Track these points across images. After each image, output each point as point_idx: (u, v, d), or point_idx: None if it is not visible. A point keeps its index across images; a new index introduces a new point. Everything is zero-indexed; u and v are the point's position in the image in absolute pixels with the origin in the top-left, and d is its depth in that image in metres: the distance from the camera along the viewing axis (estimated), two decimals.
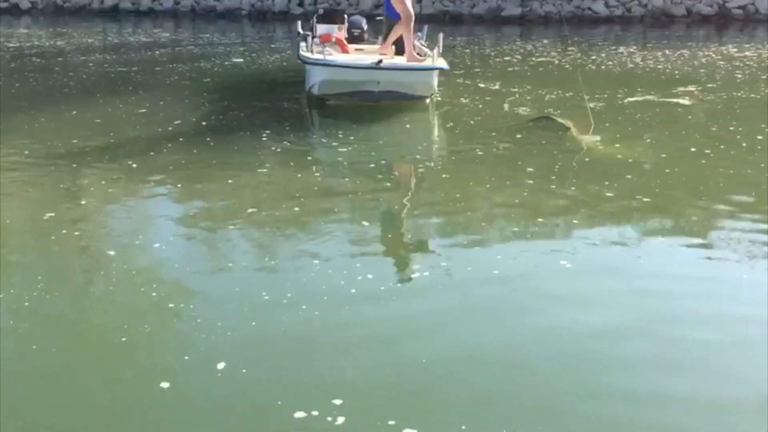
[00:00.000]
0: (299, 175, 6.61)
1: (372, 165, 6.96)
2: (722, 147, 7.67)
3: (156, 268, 4.61)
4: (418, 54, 9.60)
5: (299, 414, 3.06)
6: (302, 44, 10.97)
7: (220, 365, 3.43)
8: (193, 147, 7.51)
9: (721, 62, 14.07)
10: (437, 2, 24.47)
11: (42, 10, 26.90)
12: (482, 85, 11.37)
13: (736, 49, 16.18)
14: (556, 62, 14.24)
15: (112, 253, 4.83)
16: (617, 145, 7.63)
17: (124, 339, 3.73)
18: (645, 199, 5.98)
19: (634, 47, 16.59)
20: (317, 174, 6.67)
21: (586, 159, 7.30)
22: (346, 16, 12.22)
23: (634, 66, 13.56)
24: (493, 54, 15.80)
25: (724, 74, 12.53)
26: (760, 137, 8.02)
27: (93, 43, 17.74)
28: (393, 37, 9.58)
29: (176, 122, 8.67)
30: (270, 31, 21.15)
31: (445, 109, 9.70)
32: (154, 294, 4.21)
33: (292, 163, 6.95)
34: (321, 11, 12.59)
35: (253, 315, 3.93)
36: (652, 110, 8.79)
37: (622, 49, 16.22)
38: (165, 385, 3.29)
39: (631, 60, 14.38)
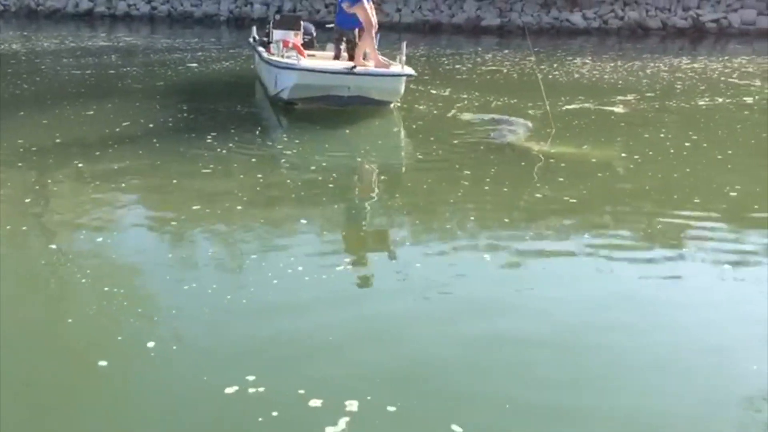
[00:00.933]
0: (242, 176, 6.94)
1: (313, 167, 7.32)
2: (650, 153, 8.18)
3: (94, 259, 4.91)
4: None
5: (229, 390, 3.38)
6: (261, 49, 11.34)
7: (150, 344, 3.76)
8: (139, 148, 7.80)
9: (665, 73, 14.74)
10: (417, 11, 24.99)
11: (15, 13, 26.85)
12: (434, 92, 11.79)
13: (688, 61, 16.91)
14: (505, 71, 14.82)
15: (54, 246, 5.12)
16: (553, 150, 8.11)
17: (70, 320, 4.06)
18: (572, 200, 6.41)
19: (590, 58, 17.23)
20: (259, 175, 6.99)
21: (522, 163, 7.73)
22: (301, 22, 12.66)
23: (580, 76, 14.17)
24: (446, 62, 16.31)
25: (665, 84, 13.19)
26: (687, 144, 8.57)
27: (49, 47, 17.87)
28: (362, 49, 9.96)
29: (124, 124, 8.95)
30: (248, 37, 21.41)
31: (402, 113, 10.12)
32: (89, 281, 4.51)
33: (235, 165, 7.29)
34: (277, 17, 12.99)
35: (178, 300, 4.29)
36: (587, 117, 9.33)
37: (578, 59, 16.84)
38: (103, 363, 3.60)
39: (579, 70, 14.99)
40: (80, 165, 7.20)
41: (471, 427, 3.16)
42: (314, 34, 12.27)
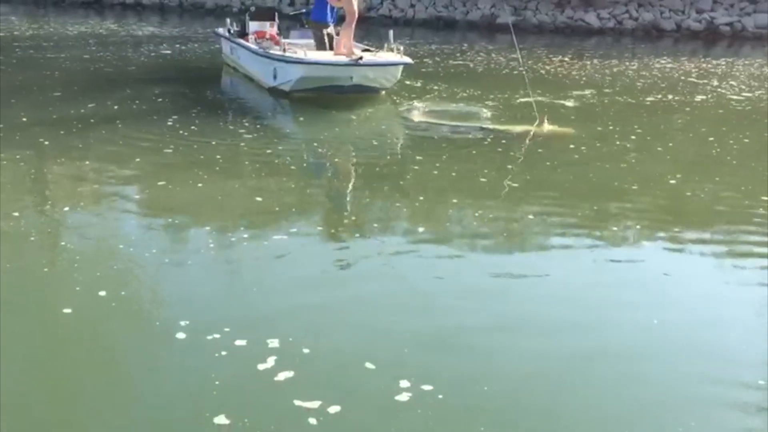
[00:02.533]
0: (202, 157, 7.45)
1: (269, 150, 7.86)
2: (598, 144, 8.76)
3: (53, 222, 5.51)
4: (366, 50, 10.75)
5: (180, 335, 3.90)
6: (242, 41, 11.93)
7: (102, 293, 4.30)
8: (102, 128, 8.32)
9: (631, 71, 15.30)
10: (431, 7, 25.26)
11: (23, 0, 26.84)
12: (408, 83, 12.16)
13: (667, 61, 17.33)
14: (471, 65, 15.42)
15: (16, 213, 5.62)
16: (504, 140, 8.66)
17: (46, 269, 4.60)
18: (513, 184, 6.98)
19: (569, 56, 17.65)
20: (218, 156, 7.50)
21: (474, 151, 8.27)
22: (276, 13, 13.35)
23: (546, 72, 14.74)
24: (427, 56, 16.83)
25: (627, 82, 13.80)
26: (633, 137, 9.17)
27: (26, 32, 18.29)
28: (345, 38, 10.56)
29: (90, 105, 9.47)
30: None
31: (376, 101, 10.71)
32: (51, 241, 5.08)
33: (195, 146, 7.82)
34: (253, 9, 13.61)
35: (128, 257, 4.86)
36: (540, 110, 9.89)
37: (558, 58, 17.17)
38: (67, 310, 4.13)
39: (545, 66, 15.54)
40: (46, 143, 7.68)
41: (382, 362, 3.69)
42: (278, 23, 12.87)
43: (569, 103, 11.04)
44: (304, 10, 15.68)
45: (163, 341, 3.86)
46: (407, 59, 10.74)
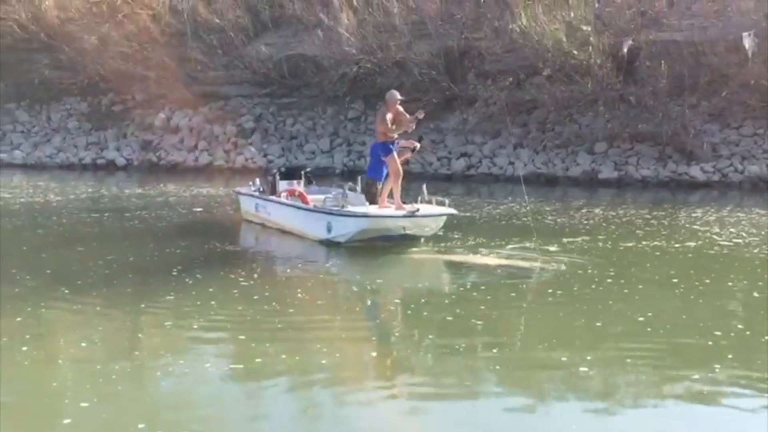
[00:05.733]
0: (198, 303, 8.67)
1: (256, 295, 8.94)
2: (575, 288, 9.56)
3: (74, 349, 6.73)
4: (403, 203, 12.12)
5: None
6: (274, 198, 13.72)
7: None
8: (114, 278, 9.76)
9: (640, 220, 15.92)
10: (529, 164, 25.61)
11: (137, 167, 28.45)
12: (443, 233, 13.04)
13: (697, 215, 17.27)
14: (477, 216, 16.55)
15: (35, 349, 6.86)
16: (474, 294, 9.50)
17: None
18: (478, 322, 7.77)
19: (602, 209, 18.07)
20: (212, 302, 8.71)
21: (446, 301, 9.12)
22: (303, 172, 14.89)
23: (554, 222, 15.56)
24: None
25: (631, 229, 14.53)
26: (608, 280, 9.93)
27: (88, 193, 20.25)
28: (386, 192, 12.10)
29: (108, 257, 10.96)
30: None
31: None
32: (73, 361, 6.11)
33: (193, 293, 9.12)
34: (283, 168, 15.30)
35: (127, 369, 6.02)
36: (531, 254, 10.94)
37: (572, 212, 17.57)
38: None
39: (545, 216, 16.47)
40: (66, 292, 9.07)
41: None
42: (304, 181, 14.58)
43: (553, 248, 11.94)
44: (309, 169, 16.94)
45: None
46: (452, 210, 12.34)
